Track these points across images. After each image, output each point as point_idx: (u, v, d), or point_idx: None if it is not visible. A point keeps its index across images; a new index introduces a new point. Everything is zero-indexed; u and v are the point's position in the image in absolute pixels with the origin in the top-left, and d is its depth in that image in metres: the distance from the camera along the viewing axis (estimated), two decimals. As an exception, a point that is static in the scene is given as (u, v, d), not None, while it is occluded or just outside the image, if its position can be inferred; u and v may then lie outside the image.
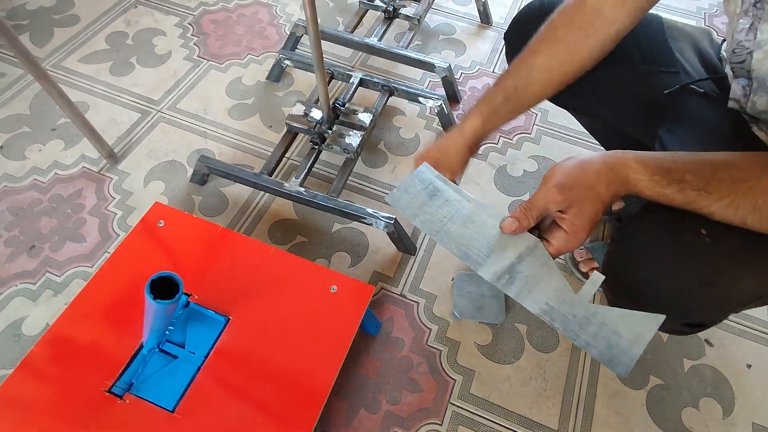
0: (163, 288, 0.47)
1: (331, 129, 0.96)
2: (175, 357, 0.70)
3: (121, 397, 0.66)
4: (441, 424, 0.77)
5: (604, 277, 0.52)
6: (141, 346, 0.69)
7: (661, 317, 0.50)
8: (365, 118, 0.99)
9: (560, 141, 1.15)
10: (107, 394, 0.66)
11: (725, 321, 0.90)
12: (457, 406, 0.79)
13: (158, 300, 0.46)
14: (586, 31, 0.63)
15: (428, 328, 0.86)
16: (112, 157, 1.04)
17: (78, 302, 0.74)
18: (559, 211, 0.52)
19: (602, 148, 1.03)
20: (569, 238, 0.53)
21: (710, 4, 1.51)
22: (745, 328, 0.89)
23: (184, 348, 0.70)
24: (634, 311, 0.50)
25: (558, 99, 0.80)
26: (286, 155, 1.07)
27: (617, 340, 0.50)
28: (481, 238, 0.55)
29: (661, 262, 0.51)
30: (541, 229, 0.57)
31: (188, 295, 0.75)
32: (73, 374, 0.68)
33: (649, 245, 0.53)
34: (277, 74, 1.21)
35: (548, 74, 0.64)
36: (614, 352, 0.50)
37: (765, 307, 0.92)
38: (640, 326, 0.50)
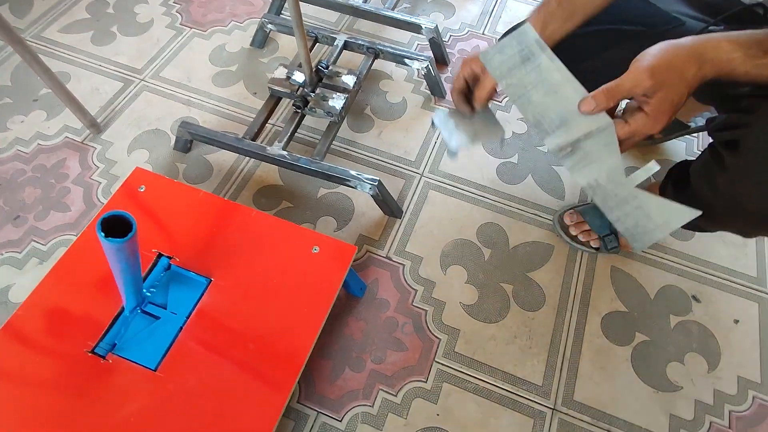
0: (118, 229, 0.46)
1: (314, 92, 0.95)
2: (157, 318, 0.70)
3: (104, 357, 0.66)
4: (426, 381, 0.78)
5: (659, 167, 0.54)
6: (123, 308, 0.70)
7: (696, 212, 0.53)
8: (349, 80, 0.97)
9: (550, 102, 1.13)
10: (90, 354, 0.66)
11: (711, 276, 0.89)
12: (442, 364, 0.79)
13: (110, 238, 0.45)
14: None
15: (414, 289, 0.86)
16: (95, 127, 1.03)
17: (59, 267, 0.74)
18: (644, 95, 0.52)
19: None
20: (648, 120, 0.52)
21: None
22: (734, 284, 0.89)
23: (166, 309, 0.71)
24: (673, 203, 0.54)
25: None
26: (271, 121, 1.05)
27: (646, 222, 0.55)
28: (558, 110, 0.56)
29: None
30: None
31: (170, 257, 0.75)
32: (57, 336, 0.68)
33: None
34: (261, 40, 1.19)
35: None
36: (639, 231, 0.56)
37: (753, 262, 0.91)
38: (672, 215, 0.54)
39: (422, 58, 1.05)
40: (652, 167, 0.53)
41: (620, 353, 0.82)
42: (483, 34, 1.26)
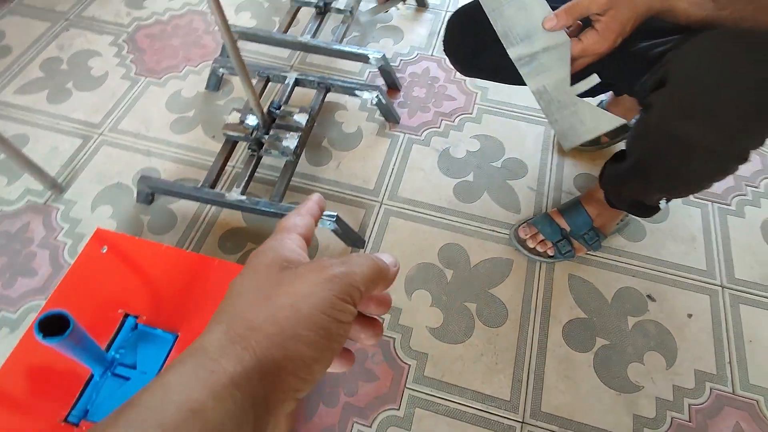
0: (58, 324, 0.48)
1: (267, 134, 0.97)
2: (128, 379, 0.72)
3: (77, 425, 0.68)
4: (398, 409, 0.80)
5: (599, 79, 0.62)
6: (93, 374, 0.71)
7: (622, 120, 0.63)
8: (301, 118, 1.00)
9: (501, 117, 1.17)
10: (63, 423, 0.68)
11: (664, 274, 0.93)
12: (413, 390, 0.82)
13: (48, 338, 0.47)
14: None
15: (381, 318, 0.89)
16: (56, 187, 1.04)
17: (28, 337, 0.75)
18: (597, 14, 0.59)
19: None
20: (598, 38, 0.59)
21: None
22: (686, 279, 0.93)
23: (135, 369, 0.72)
24: (604, 111, 0.64)
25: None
26: (230, 163, 1.08)
27: (578, 125, 0.65)
28: (525, 25, 0.62)
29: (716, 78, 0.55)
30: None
31: (136, 317, 0.76)
32: (29, 408, 0.69)
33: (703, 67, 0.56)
34: (215, 83, 1.21)
35: None
36: (571, 132, 0.66)
37: (702, 255, 0.95)
38: (601, 121, 0.64)
39: (372, 88, 1.08)
40: (594, 79, 0.62)
41: (583, 360, 0.85)
42: (432, 55, 1.29)
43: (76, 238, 0.99)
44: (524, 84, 0.92)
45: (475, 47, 0.82)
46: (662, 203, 0.82)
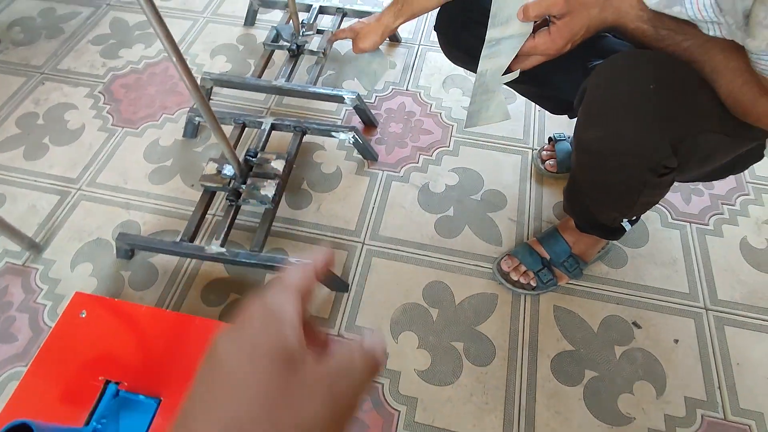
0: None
1: (245, 183, 0.97)
2: (110, 450, 0.70)
3: (58, 503, 0.66)
4: (390, 459, 0.79)
5: (518, 75, 0.67)
6: (74, 447, 0.70)
7: (509, 115, 0.70)
8: (278, 165, 1.00)
9: (478, 149, 1.18)
10: (44, 503, 0.66)
11: (648, 299, 0.94)
12: (404, 437, 0.81)
13: None
14: None
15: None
16: (35, 248, 1.03)
17: (9, 409, 0.74)
18: (554, 17, 0.62)
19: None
20: (547, 39, 0.63)
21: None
22: (670, 304, 0.93)
23: (118, 439, 0.71)
24: (504, 104, 0.69)
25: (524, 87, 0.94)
26: (210, 212, 1.07)
27: (483, 111, 0.71)
28: (509, 11, 0.65)
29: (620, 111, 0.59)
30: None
31: (117, 383, 0.75)
32: (9, 489, 0.68)
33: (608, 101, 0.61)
34: (192, 131, 1.21)
35: None
36: (475, 114, 0.71)
37: (684, 278, 0.96)
38: (497, 113, 0.70)
39: (347, 129, 1.09)
40: (515, 74, 0.67)
41: (573, 394, 0.84)
42: (407, 89, 1.31)
43: (56, 299, 0.97)
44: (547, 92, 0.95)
45: (458, 23, 0.87)
46: (626, 224, 0.83)
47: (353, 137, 1.09)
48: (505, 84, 0.69)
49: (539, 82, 0.87)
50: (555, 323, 0.92)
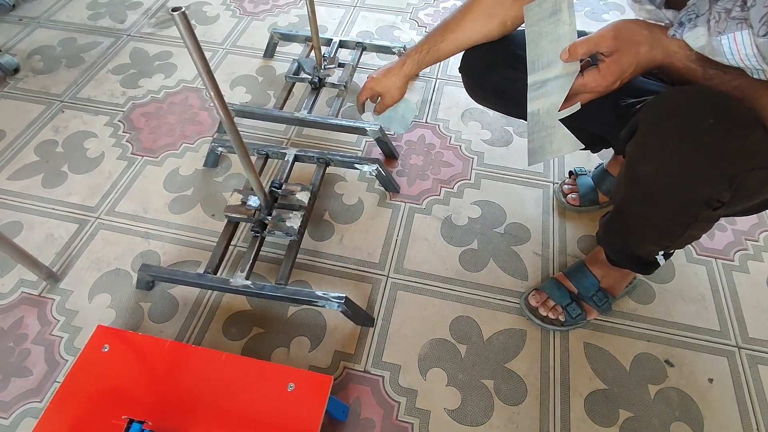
0: None
1: (270, 214, 0.97)
2: (134, 495, 0.67)
3: None
4: (422, 505, 0.76)
5: (580, 107, 0.66)
6: (95, 492, 0.66)
7: (580, 144, 0.67)
8: (303, 197, 1.00)
9: (499, 182, 1.18)
10: None
11: (678, 337, 0.92)
12: (437, 481, 0.78)
13: None
14: (492, 9, 0.82)
15: (396, 401, 0.86)
16: (52, 277, 1.01)
17: (25, 452, 0.71)
18: (603, 54, 0.63)
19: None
20: (598, 76, 0.64)
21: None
22: (701, 341, 0.92)
23: (142, 483, 0.68)
24: (571, 135, 0.67)
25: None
26: (232, 243, 1.06)
27: (546, 146, 0.69)
28: (550, 56, 0.67)
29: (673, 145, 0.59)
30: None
31: (142, 422, 0.72)
32: None
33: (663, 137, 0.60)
34: (214, 160, 1.21)
35: (459, 39, 0.86)
36: (538, 150, 0.70)
37: (713, 315, 0.95)
38: (564, 144, 0.68)
39: (371, 161, 1.09)
40: (576, 106, 0.66)
41: (608, 435, 0.82)
42: (427, 122, 1.32)
43: (73, 331, 0.95)
44: (522, 117, 0.95)
45: (486, 66, 0.89)
46: (660, 258, 0.82)
47: (377, 169, 1.10)
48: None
49: (567, 119, 0.88)
50: (586, 361, 0.90)
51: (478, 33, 0.85)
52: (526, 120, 0.94)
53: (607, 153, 1.15)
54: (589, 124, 0.86)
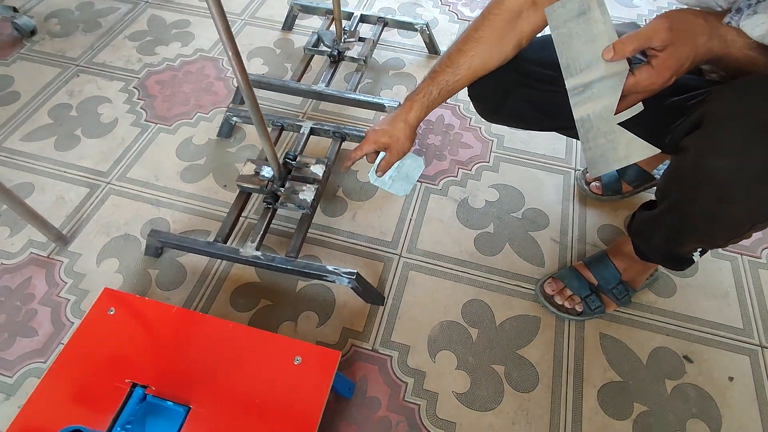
0: None
1: (283, 186, 0.94)
2: (135, 459, 0.66)
3: None
4: (426, 487, 0.74)
5: (642, 107, 0.60)
6: (97, 453, 0.65)
7: (656, 150, 0.59)
8: (318, 170, 0.97)
9: (518, 166, 1.15)
10: None
11: (699, 332, 0.89)
12: (442, 464, 0.76)
13: None
14: (503, 31, 0.72)
15: (404, 382, 0.84)
16: (61, 239, 1.00)
17: (28, 408, 0.70)
18: (654, 49, 0.57)
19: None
20: (652, 73, 0.57)
21: (650, 11, 1.55)
22: (722, 339, 0.89)
23: (143, 447, 0.67)
24: (639, 139, 0.60)
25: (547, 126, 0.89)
26: (243, 215, 1.04)
27: (610, 154, 0.62)
28: (588, 57, 0.61)
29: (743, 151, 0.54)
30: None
31: (145, 387, 0.71)
32: (25, 494, 0.63)
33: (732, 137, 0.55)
34: (228, 130, 1.19)
35: (472, 71, 0.75)
36: (600, 159, 0.63)
37: (737, 312, 0.91)
38: (634, 150, 0.61)
39: (388, 138, 1.06)
40: (638, 107, 0.60)
41: (621, 429, 0.79)
42: (446, 102, 1.28)
43: (80, 294, 0.94)
44: (546, 130, 0.91)
45: (498, 92, 0.82)
46: (696, 255, 0.78)
47: (394, 146, 1.06)
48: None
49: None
50: (602, 352, 0.87)
51: (493, 60, 0.75)
52: (557, 132, 0.91)
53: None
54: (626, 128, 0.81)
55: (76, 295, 0.94)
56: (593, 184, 1.08)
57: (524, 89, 0.80)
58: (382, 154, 0.83)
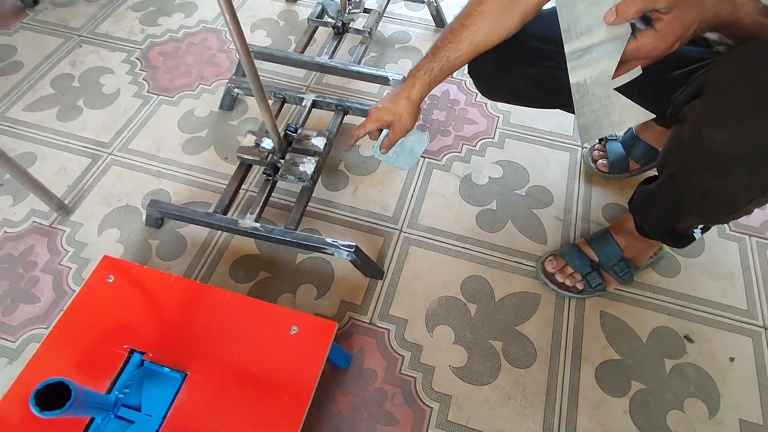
0: (56, 393, 0.44)
1: (284, 158, 0.93)
2: (132, 422, 0.67)
3: (75, 472, 0.62)
4: (420, 458, 0.75)
5: (641, 71, 0.57)
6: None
7: (651, 114, 0.57)
8: (319, 142, 0.96)
9: (524, 142, 1.12)
10: (61, 471, 0.62)
11: (702, 313, 0.88)
12: (436, 436, 0.76)
13: (45, 411, 0.42)
14: (508, 4, 0.69)
15: (401, 355, 0.84)
16: (63, 209, 1.00)
17: (27, 372, 0.71)
18: (659, 11, 0.54)
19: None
20: (655, 37, 0.54)
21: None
22: (725, 319, 0.87)
23: (140, 411, 0.67)
24: (635, 104, 0.58)
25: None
26: (243, 187, 1.04)
27: (603, 119, 0.60)
28: (590, 19, 0.58)
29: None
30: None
31: (142, 353, 0.71)
32: (25, 453, 0.64)
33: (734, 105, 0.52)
34: (230, 103, 1.18)
35: (474, 47, 0.72)
36: (593, 125, 0.61)
37: (741, 293, 0.90)
38: (628, 114, 0.59)
39: (391, 111, 1.04)
40: (636, 71, 0.57)
41: (618, 405, 0.79)
42: (452, 77, 1.25)
43: (81, 263, 0.94)
44: (546, 107, 0.89)
45: (499, 69, 0.80)
46: (697, 232, 0.76)
47: (397, 120, 1.05)
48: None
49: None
50: (601, 330, 0.86)
51: (496, 34, 0.71)
52: (559, 109, 0.88)
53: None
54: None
55: (78, 263, 0.94)
56: (600, 162, 1.05)
57: (524, 66, 0.78)
58: (385, 132, 0.82)
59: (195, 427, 0.66)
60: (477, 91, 1.21)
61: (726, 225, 0.99)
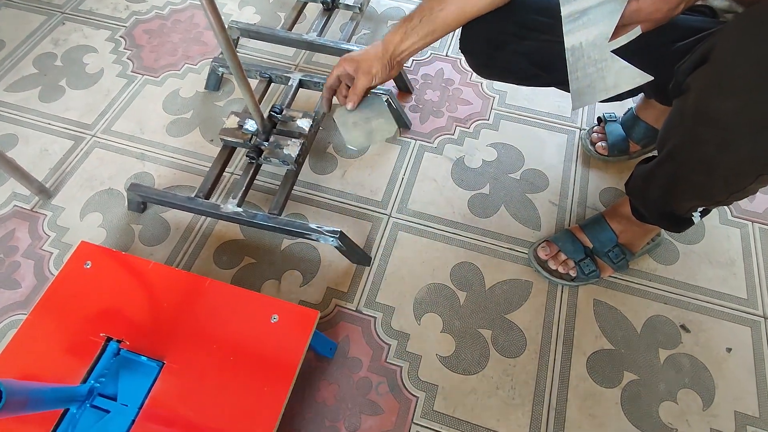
0: None
1: (267, 140, 0.90)
2: (107, 412, 0.65)
3: (49, 463, 0.61)
4: (404, 448, 0.73)
5: (641, 31, 0.55)
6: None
7: (649, 77, 0.56)
8: (305, 124, 0.92)
9: (520, 124, 1.08)
10: (34, 461, 0.61)
11: (700, 302, 0.85)
12: (421, 426, 0.75)
13: None
14: None
15: (387, 344, 0.82)
16: (44, 192, 0.98)
17: (2, 361, 0.69)
18: None
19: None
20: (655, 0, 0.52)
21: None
22: (724, 309, 0.84)
23: (116, 401, 0.66)
24: (632, 66, 0.57)
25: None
26: (228, 170, 1.01)
27: (598, 83, 0.59)
28: None
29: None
30: None
31: (119, 341, 0.70)
32: (-1, 442, 0.63)
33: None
34: (215, 83, 1.14)
35: (460, 7, 0.69)
36: (587, 90, 0.59)
37: (742, 282, 0.87)
38: (623, 78, 0.57)
39: (381, 92, 1.00)
40: (636, 31, 0.55)
41: (609, 396, 0.77)
42: (447, 55, 1.21)
43: (63, 248, 0.92)
44: (541, 85, 0.85)
45: (492, 44, 0.76)
46: (696, 216, 0.72)
47: (387, 101, 1.01)
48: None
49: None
50: (594, 319, 0.84)
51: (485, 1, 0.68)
52: (555, 87, 0.84)
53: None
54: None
55: (59, 248, 0.92)
56: (599, 144, 1.01)
57: (519, 40, 0.74)
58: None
59: (171, 417, 0.64)
60: (471, 71, 1.16)
61: (728, 210, 0.95)
